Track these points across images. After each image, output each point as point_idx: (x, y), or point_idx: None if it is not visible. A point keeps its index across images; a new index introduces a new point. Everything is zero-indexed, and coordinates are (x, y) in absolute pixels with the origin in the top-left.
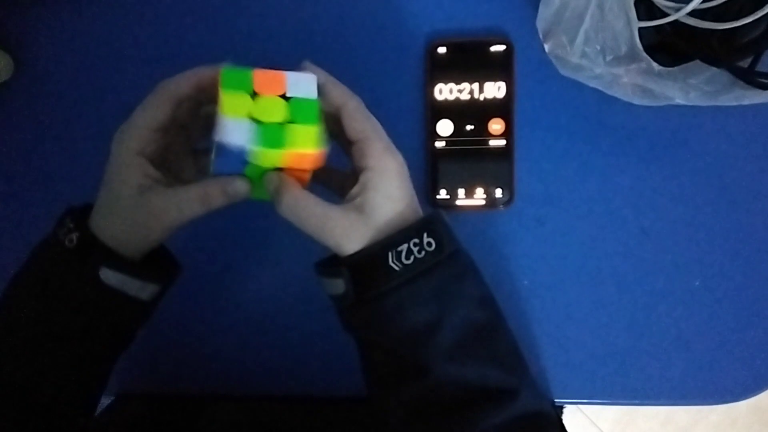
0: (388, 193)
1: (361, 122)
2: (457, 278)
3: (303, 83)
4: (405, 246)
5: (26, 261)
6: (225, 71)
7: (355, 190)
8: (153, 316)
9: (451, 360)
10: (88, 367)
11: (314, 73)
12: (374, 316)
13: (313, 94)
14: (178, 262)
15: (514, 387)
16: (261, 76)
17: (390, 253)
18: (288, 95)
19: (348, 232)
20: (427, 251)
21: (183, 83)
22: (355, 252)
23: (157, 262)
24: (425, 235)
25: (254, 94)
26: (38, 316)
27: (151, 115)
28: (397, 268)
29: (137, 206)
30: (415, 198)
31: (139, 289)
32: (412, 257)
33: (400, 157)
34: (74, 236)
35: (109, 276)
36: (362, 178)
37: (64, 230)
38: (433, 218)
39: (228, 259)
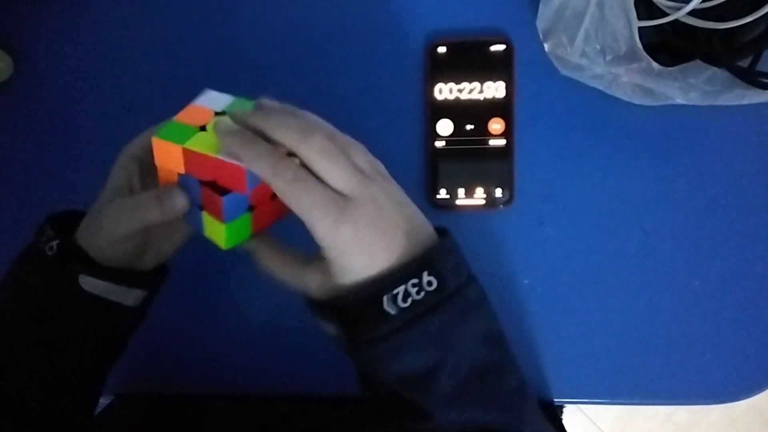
0: (348, 268)
1: (293, 205)
2: (458, 318)
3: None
4: (402, 288)
5: (8, 270)
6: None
7: (319, 252)
8: (144, 320)
9: (451, 404)
10: (78, 374)
11: (234, 147)
12: (370, 359)
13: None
14: (166, 265)
15: (516, 429)
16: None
17: (385, 297)
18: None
19: (318, 290)
20: (426, 291)
21: (155, 217)
22: (348, 294)
23: (143, 270)
24: (425, 273)
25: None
26: (22, 325)
27: (136, 223)
28: (393, 312)
29: (102, 208)
30: (396, 233)
31: (123, 295)
32: (409, 299)
33: (353, 226)
34: (54, 244)
35: (89, 283)
36: (321, 254)
37: (44, 238)
38: (436, 252)
39: (228, 259)
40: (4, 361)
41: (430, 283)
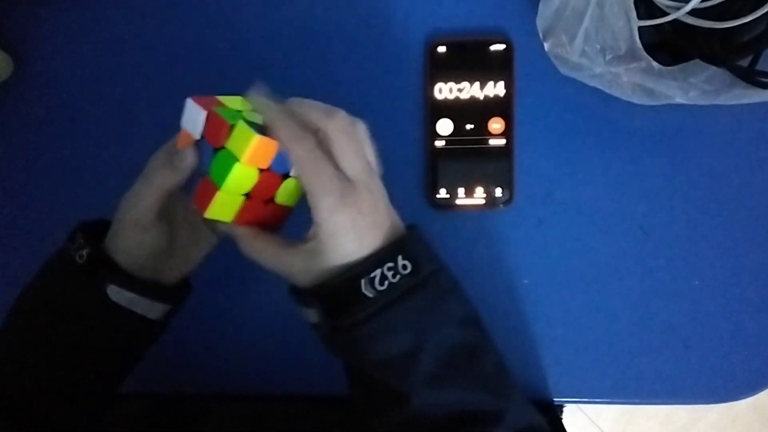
0: (337, 249)
1: (305, 174)
2: (435, 301)
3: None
4: (378, 271)
5: (37, 274)
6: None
7: (310, 233)
8: (163, 334)
9: (430, 386)
10: (94, 380)
11: (262, 110)
12: (349, 345)
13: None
14: (190, 282)
15: (499, 409)
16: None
17: (363, 280)
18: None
19: (301, 272)
20: (402, 275)
21: (170, 180)
22: (327, 281)
23: (168, 284)
24: (399, 257)
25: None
26: (46, 330)
27: (154, 191)
28: (371, 296)
29: (120, 210)
30: (383, 224)
31: (148, 307)
32: (386, 282)
33: (353, 209)
34: (85, 252)
35: (116, 293)
36: (313, 229)
37: (75, 246)
38: (408, 238)
39: (228, 259)
40: (24, 361)
41: (405, 267)
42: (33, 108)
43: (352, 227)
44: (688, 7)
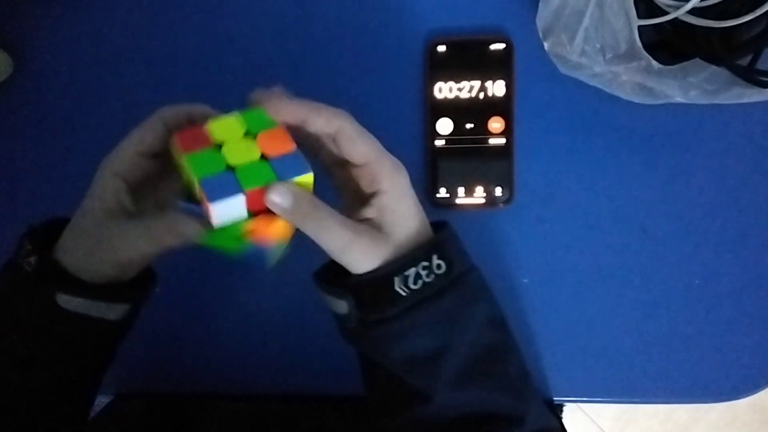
0: (405, 212)
1: (363, 144)
2: (465, 302)
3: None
4: (413, 270)
5: None
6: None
7: (369, 212)
8: (131, 330)
9: (454, 387)
10: (63, 389)
11: (293, 106)
12: (377, 341)
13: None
14: (155, 275)
15: (520, 413)
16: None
17: (396, 278)
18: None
19: (369, 252)
20: (436, 274)
21: (177, 112)
22: (361, 275)
23: (128, 280)
24: (435, 256)
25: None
26: (3, 343)
27: (139, 138)
28: (403, 293)
29: (97, 231)
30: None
31: (105, 310)
32: (420, 282)
33: (403, 168)
34: (32, 259)
35: (67, 301)
36: (377, 202)
37: (23, 252)
38: (444, 237)
39: (228, 258)
40: None
41: (439, 267)
42: (33, 108)
43: (408, 188)
44: (688, 6)
